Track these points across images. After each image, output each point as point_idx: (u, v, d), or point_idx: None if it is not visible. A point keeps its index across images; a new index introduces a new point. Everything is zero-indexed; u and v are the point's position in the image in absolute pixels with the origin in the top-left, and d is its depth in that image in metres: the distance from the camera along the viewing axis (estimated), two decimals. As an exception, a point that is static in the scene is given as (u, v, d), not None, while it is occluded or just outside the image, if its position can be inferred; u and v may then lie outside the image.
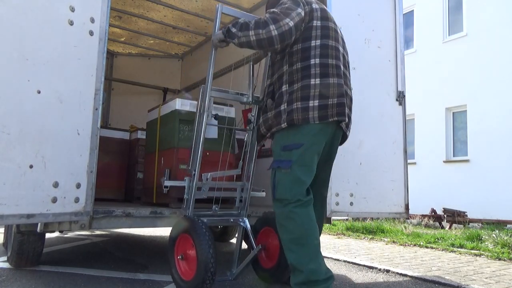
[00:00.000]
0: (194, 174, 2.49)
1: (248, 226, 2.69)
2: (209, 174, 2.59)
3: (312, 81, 2.19)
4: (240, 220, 2.70)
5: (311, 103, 2.16)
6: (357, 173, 3.38)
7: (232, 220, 2.71)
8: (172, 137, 3.13)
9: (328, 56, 2.26)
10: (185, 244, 2.42)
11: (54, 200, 2.18)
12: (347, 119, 2.29)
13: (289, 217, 2.14)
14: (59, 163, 2.21)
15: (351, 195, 3.34)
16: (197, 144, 2.52)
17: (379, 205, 3.48)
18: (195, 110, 3.18)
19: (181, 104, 3.15)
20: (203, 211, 2.60)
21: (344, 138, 2.48)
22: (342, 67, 2.32)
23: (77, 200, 2.28)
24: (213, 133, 3.27)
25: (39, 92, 2.16)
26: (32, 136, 2.12)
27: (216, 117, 2.58)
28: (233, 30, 2.31)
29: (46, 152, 2.17)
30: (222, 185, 2.69)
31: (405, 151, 3.70)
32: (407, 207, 3.63)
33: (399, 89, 3.70)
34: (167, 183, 2.60)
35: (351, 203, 3.34)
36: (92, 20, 2.39)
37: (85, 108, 2.35)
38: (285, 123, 2.19)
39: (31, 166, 2.10)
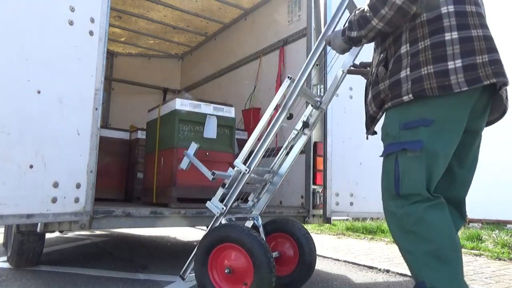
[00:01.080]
0: (248, 171, 2.23)
1: (261, 224, 2.49)
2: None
3: (447, 36, 1.62)
4: (255, 217, 2.50)
5: (451, 64, 1.58)
6: (357, 173, 3.37)
7: (250, 217, 2.51)
8: (172, 137, 3.13)
9: (465, 1, 1.68)
10: (231, 257, 2.12)
11: (54, 200, 2.18)
12: (508, 80, 1.63)
13: (424, 220, 1.59)
14: (59, 163, 2.21)
15: (351, 195, 3.33)
16: (265, 140, 2.25)
17: (379, 205, 3.46)
18: (195, 110, 3.21)
19: (181, 104, 3.14)
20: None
21: (502, 112, 1.80)
22: (484, 16, 1.73)
23: (77, 200, 2.28)
24: (211, 132, 3.25)
25: (39, 92, 2.16)
26: (32, 136, 2.12)
27: (290, 116, 2.31)
28: (355, 34, 1.82)
29: (46, 152, 2.16)
30: (255, 181, 2.50)
31: None
32: None
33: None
34: (218, 175, 2.32)
35: (351, 203, 3.33)
36: (92, 20, 2.39)
37: (85, 108, 2.34)
38: (410, 95, 1.62)
39: (31, 166, 2.10)
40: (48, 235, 4.27)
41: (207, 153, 3.16)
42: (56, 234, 4.93)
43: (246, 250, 2.03)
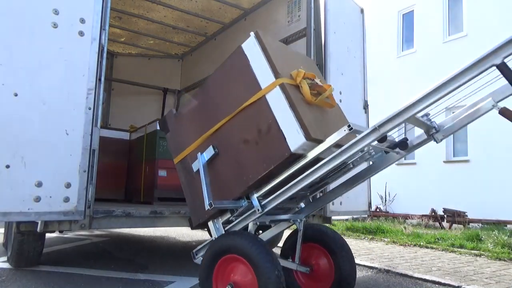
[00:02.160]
0: (261, 212, 1.94)
1: (302, 229, 2.24)
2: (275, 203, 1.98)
3: None
4: (298, 219, 2.25)
5: None
6: None
7: (292, 220, 2.26)
8: (154, 151, 3.94)
9: None
10: (234, 270, 1.86)
11: (37, 199, 2.19)
12: None
13: None
14: (42, 163, 2.23)
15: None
16: (300, 183, 1.88)
17: (355, 204, 3.64)
18: None
19: None
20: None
21: None
22: None
23: (66, 199, 2.28)
24: None
25: (16, 95, 2.18)
26: (8, 137, 2.15)
27: (383, 139, 1.76)
28: None
29: (27, 152, 2.19)
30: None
31: None
32: (369, 205, 3.91)
33: (365, 98, 3.91)
34: (216, 206, 1.96)
35: (341, 203, 3.44)
36: (82, 21, 2.39)
37: (75, 108, 2.35)
38: None
39: (7, 166, 2.13)
40: (48, 235, 4.27)
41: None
42: (56, 234, 4.93)
43: (251, 263, 1.76)
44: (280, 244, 3.71)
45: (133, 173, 4.38)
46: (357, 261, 3.80)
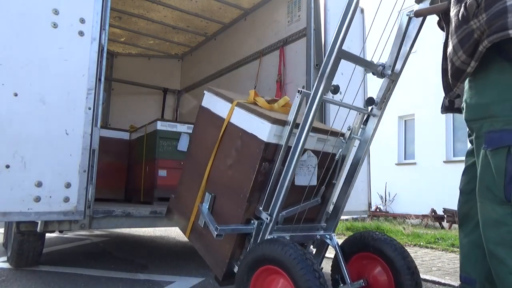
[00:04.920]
0: (271, 219, 1.79)
1: (338, 244, 2.07)
2: (285, 212, 1.94)
3: None
4: (327, 235, 2.10)
5: None
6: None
7: (318, 236, 2.11)
8: (154, 151, 3.90)
9: None
10: (273, 282, 1.64)
11: (37, 199, 2.20)
12: None
13: None
14: (42, 163, 2.23)
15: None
16: (287, 173, 1.79)
17: (355, 203, 3.65)
18: (172, 130, 3.84)
19: (161, 125, 3.95)
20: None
21: None
22: None
23: (66, 199, 2.28)
24: (183, 146, 3.63)
25: (16, 95, 2.19)
26: (8, 137, 2.16)
27: (336, 89, 1.75)
28: None
29: (26, 152, 2.19)
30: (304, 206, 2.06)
31: (369, 155, 3.89)
32: (369, 205, 3.92)
33: (365, 98, 3.89)
34: (222, 229, 1.81)
35: None
36: (82, 21, 2.39)
37: (75, 108, 2.35)
38: None
39: (7, 166, 2.13)
40: (48, 235, 4.28)
41: (181, 162, 3.62)
42: (56, 234, 4.93)
43: (287, 273, 1.52)
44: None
45: (133, 173, 4.35)
46: (357, 261, 3.80)
